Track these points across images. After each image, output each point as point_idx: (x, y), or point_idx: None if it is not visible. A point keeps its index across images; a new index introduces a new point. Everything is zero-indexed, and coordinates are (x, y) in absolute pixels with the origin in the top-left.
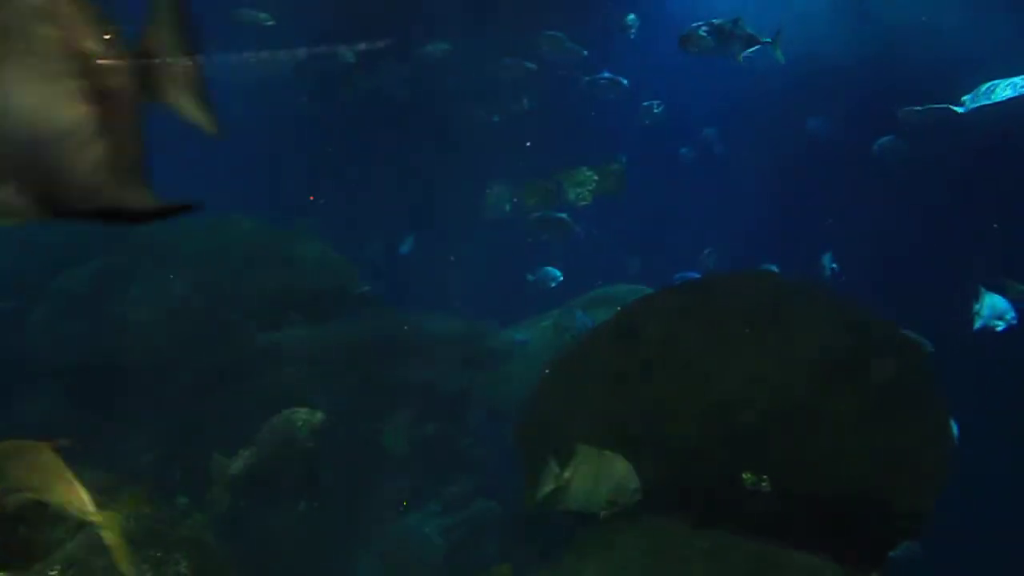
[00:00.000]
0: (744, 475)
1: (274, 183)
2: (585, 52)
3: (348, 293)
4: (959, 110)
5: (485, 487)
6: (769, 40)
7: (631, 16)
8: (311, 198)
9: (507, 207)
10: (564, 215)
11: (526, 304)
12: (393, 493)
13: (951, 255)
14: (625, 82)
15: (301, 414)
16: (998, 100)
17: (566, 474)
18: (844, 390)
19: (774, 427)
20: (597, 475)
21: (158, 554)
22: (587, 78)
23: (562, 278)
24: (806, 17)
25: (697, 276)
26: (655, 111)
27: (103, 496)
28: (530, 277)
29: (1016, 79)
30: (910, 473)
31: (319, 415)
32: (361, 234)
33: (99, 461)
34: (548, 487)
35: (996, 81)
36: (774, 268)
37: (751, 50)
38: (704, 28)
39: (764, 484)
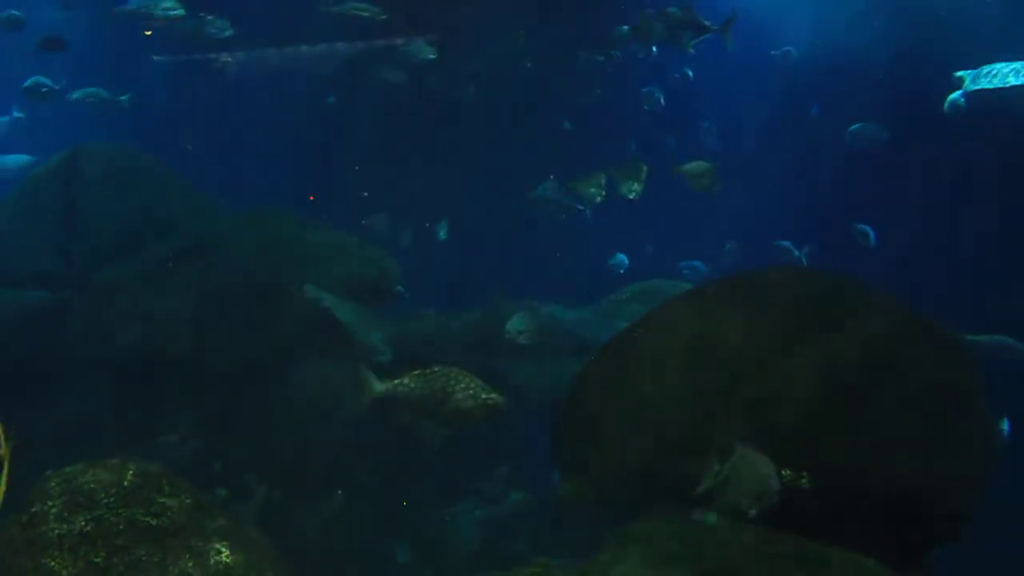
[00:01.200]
0: (783, 472)
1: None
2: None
3: (386, 286)
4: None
5: (520, 479)
6: (719, 28)
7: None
8: (311, 198)
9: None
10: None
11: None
12: (428, 486)
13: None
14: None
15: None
16: (1001, 86)
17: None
18: (887, 388)
19: (815, 425)
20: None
21: (199, 544)
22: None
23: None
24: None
25: (699, 264)
26: (661, 102)
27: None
28: (610, 261)
29: (1020, 67)
30: (952, 474)
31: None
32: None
33: (141, 453)
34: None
35: (998, 65)
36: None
37: (702, 38)
38: (655, 16)
39: (803, 482)
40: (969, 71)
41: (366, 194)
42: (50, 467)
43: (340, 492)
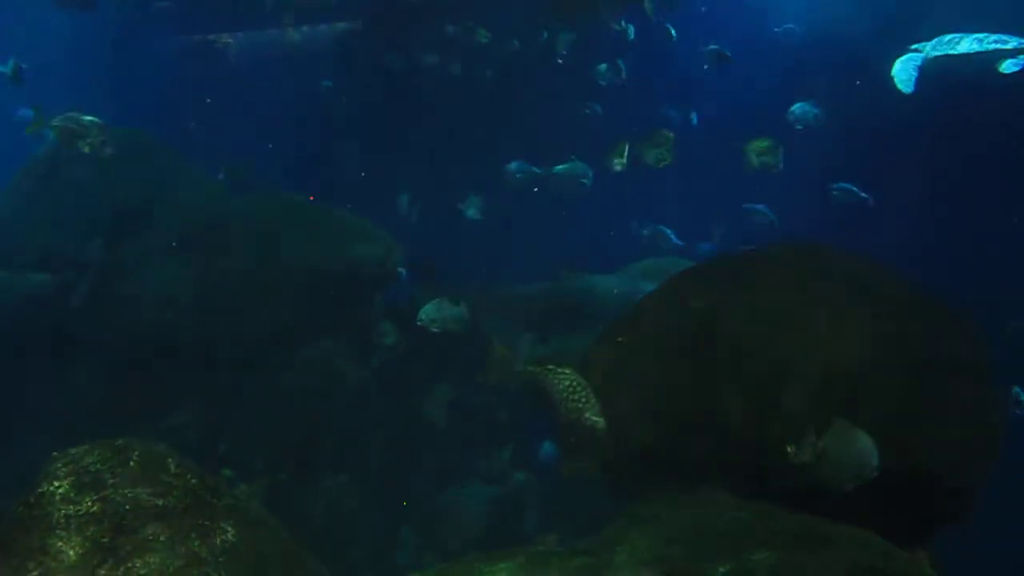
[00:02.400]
0: (788, 449)
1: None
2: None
3: (390, 266)
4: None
5: (526, 459)
6: None
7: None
8: (311, 198)
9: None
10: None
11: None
12: (433, 466)
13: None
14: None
15: None
16: (961, 52)
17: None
18: (893, 365)
19: (819, 401)
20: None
21: (205, 523)
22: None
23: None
24: None
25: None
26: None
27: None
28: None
29: (980, 34)
30: (958, 452)
31: None
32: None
33: (145, 434)
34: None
35: (959, 34)
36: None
37: None
38: None
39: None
40: (926, 43)
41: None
42: (56, 448)
43: (345, 472)
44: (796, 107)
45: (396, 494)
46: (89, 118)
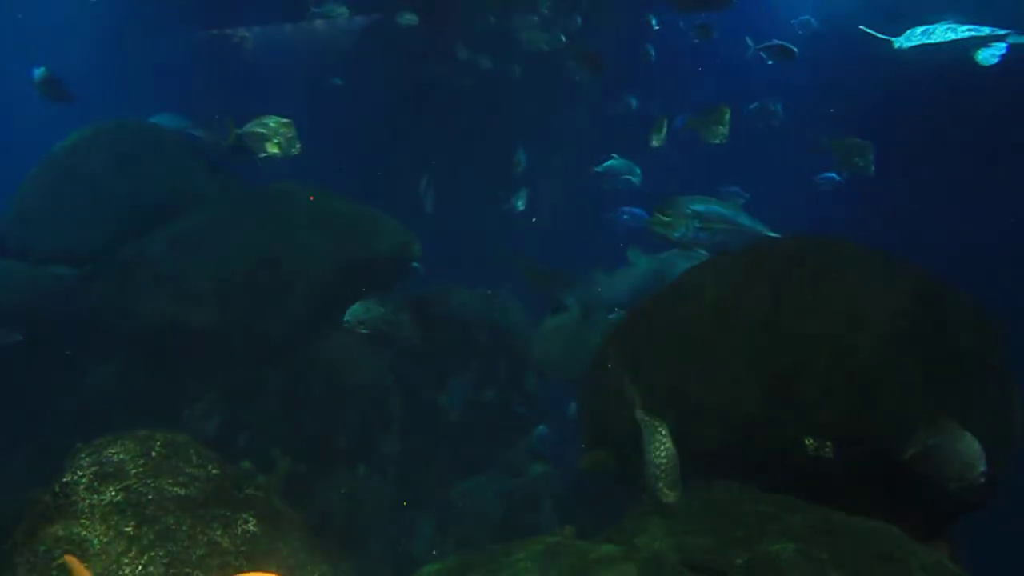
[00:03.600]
0: (806, 440)
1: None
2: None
3: (408, 259)
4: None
5: (543, 451)
6: None
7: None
8: (311, 198)
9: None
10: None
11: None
12: (450, 457)
13: None
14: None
15: None
16: (936, 41)
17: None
18: (910, 356)
19: (838, 393)
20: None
21: (227, 513)
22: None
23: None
24: None
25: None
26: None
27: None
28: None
29: (955, 24)
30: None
31: None
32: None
33: (167, 426)
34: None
35: (934, 25)
36: None
37: None
38: None
39: (827, 451)
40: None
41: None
42: (79, 439)
43: (362, 464)
44: (754, 105)
45: (413, 485)
46: (274, 119)
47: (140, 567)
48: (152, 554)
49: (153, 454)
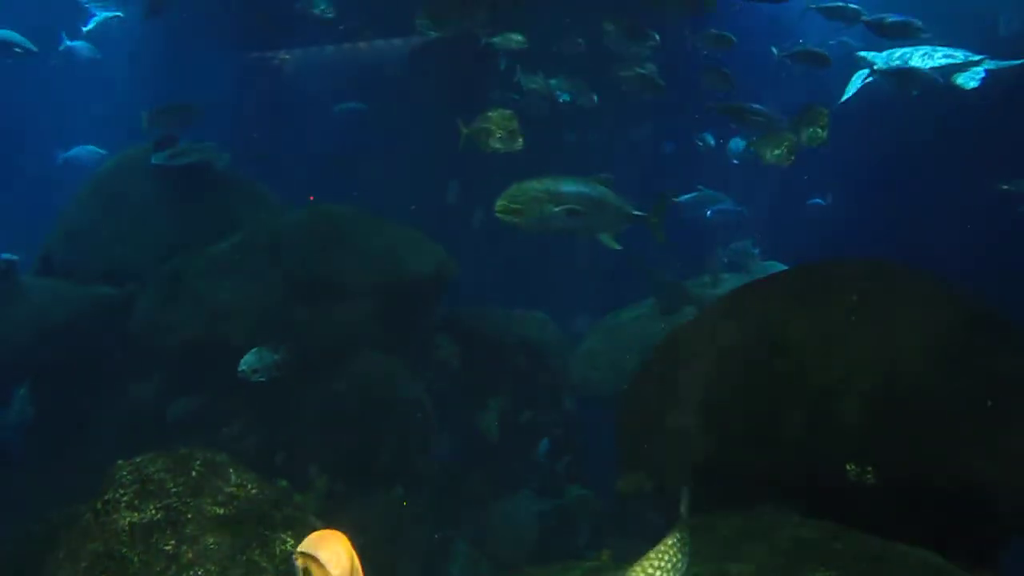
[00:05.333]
0: (847, 466)
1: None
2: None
3: (444, 279)
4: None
5: (580, 474)
6: None
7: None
8: (311, 197)
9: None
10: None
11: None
12: (486, 478)
13: None
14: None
15: None
16: (914, 67)
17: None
18: (955, 381)
19: (881, 418)
20: None
21: (265, 532)
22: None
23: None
24: None
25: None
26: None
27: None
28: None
29: (927, 48)
30: (1021, 467)
31: None
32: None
33: (207, 444)
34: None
35: (907, 49)
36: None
37: None
38: None
39: (868, 476)
40: (879, 54)
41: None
42: (120, 456)
43: (399, 484)
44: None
45: (448, 506)
46: (498, 112)
47: None
48: (191, 573)
49: (193, 473)
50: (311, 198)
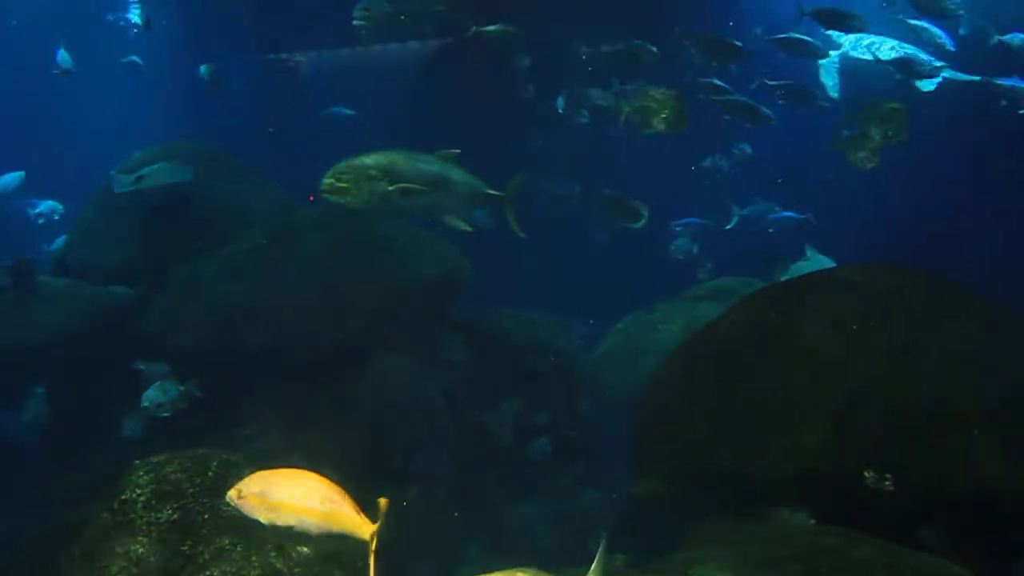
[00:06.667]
0: (866, 474)
1: None
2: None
3: (458, 281)
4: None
5: (595, 478)
6: None
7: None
8: (311, 198)
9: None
10: None
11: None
12: (500, 481)
13: None
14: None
15: None
16: (881, 59)
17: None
18: (974, 388)
19: (900, 425)
20: None
21: None
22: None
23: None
24: None
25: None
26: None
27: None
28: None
29: (897, 43)
30: None
31: None
32: None
33: (223, 445)
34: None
35: (880, 38)
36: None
37: None
38: None
39: (887, 484)
40: (849, 36)
41: None
42: (137, 456)
43: (413, 486)
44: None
45: (462, 509)
46: (660, 91)
47: None
48: (207, 574)
49: (209, 473)
50: (311, 198)
